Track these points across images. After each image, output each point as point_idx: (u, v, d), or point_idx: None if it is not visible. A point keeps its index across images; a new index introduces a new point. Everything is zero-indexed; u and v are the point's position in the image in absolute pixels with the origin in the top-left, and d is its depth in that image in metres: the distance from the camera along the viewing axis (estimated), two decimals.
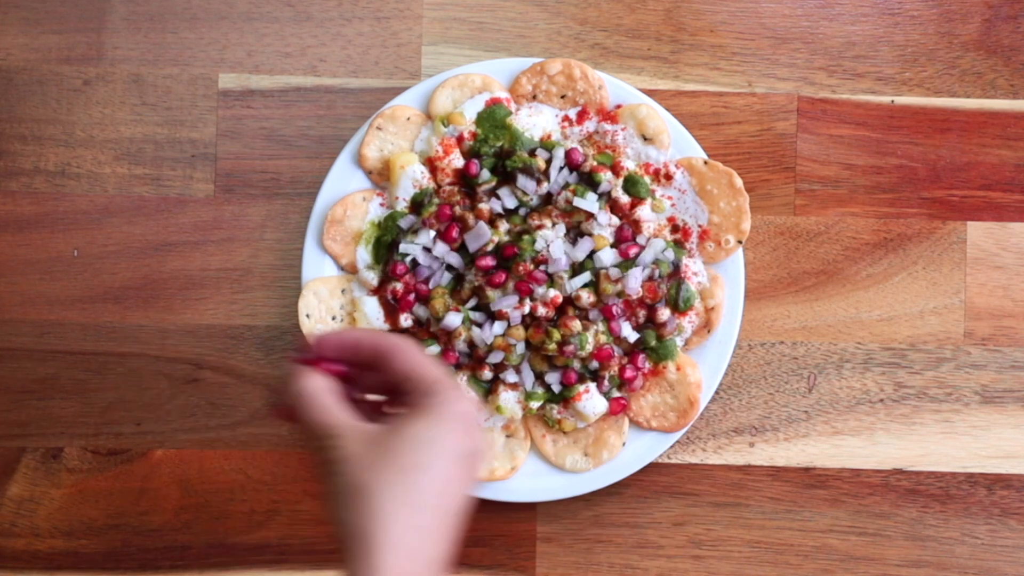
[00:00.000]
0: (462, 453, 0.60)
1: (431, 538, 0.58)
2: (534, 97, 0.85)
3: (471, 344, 0.83)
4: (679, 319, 0.84)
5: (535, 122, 0.85)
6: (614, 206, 0.84)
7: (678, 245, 0.85)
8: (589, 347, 0.82)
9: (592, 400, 0.83)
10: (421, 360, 0.62)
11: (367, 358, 0.63)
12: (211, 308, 0.88)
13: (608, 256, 0.82)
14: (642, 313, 0.84)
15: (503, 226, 0.83)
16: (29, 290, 0.88)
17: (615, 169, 0.84)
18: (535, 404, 0.83)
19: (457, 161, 0.84)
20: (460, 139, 0.84)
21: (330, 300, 0.85)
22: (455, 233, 0.83)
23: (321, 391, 0.62)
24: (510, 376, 0.83)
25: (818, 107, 0.89)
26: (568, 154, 0.83)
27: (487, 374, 0.83)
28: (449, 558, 0.59)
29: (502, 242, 0.83)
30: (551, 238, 0.82)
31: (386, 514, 0.57)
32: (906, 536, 0.88)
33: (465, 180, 0.84)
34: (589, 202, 0.82)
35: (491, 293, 0.82)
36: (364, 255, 0.85)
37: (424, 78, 0.88)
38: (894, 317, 0.89)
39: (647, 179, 0.85)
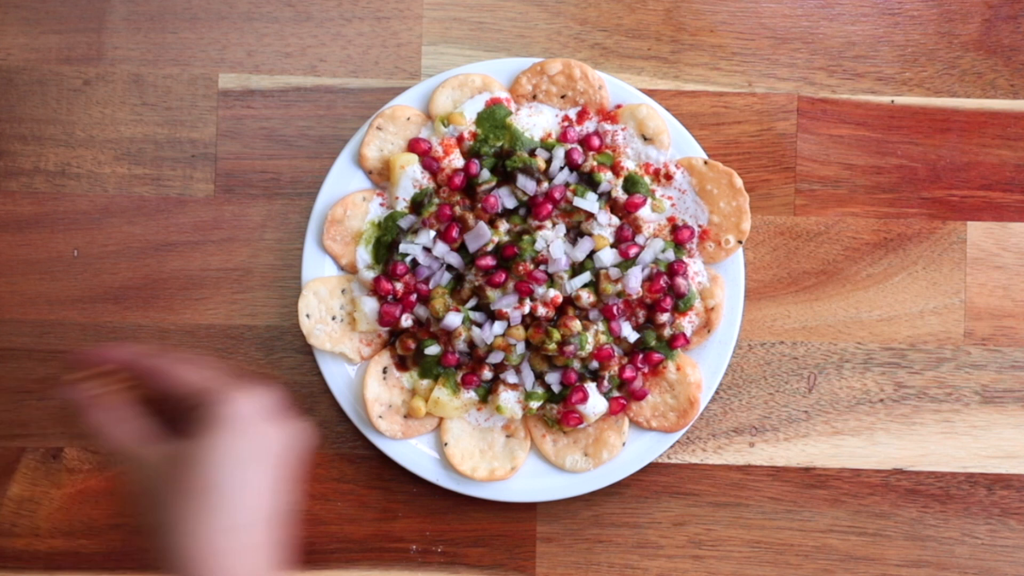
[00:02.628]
0: (245, 457, 0.59)
1: (242, 553, 0.59)
2: (534, 97, 0.85)
3: (471, 344, 0.83)
4: (679, 319, 0.84)
5: (535, 122, 0.85)
6: (614, 206, 0.84)
7: (678, 245, 0.85)
8: (589, 347, 0.82)
9: (592, 400, 0.83)
10: (182, 375, 0.62)
11: (145, 379, 0.64)
12: (211, 308, 0.88)
13: (608, 256, 0.82)
14: (642, 313, 0.84)
15: (503, 226, 0.83)
16: (29, 290, 0.88)
17: (615, 169, 0.84)
18: (535, 404, 0.83)
19: (457, 161, 0.84)
20: (460, 139, 0.84)
21: (330, 300, 0.85)
22: (455, 233, 0.82)
23: (109, 422, 0.63)
24: (510, 376, 0.83)
25: (818, 107, 0.89)
26: (568, 154, 0.83)
27: (487, 374, 0.83)
28: (276, 556, 0.60)
29: (502, 242, 0.83)
30: (551, 238, 0.82)
31: (189, 551, 0.58)
32: (906, 536, 0.88)
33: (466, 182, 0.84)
34: (589, 202, 0.82)
35: (491, 293, 0.82)
36: (364, 255, 0.85)
37: (424, 78, 0.88)
38: (894, 317, 0.89)
39: (647, 179, 0.85)
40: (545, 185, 0.83)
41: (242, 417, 0.60)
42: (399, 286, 0.83)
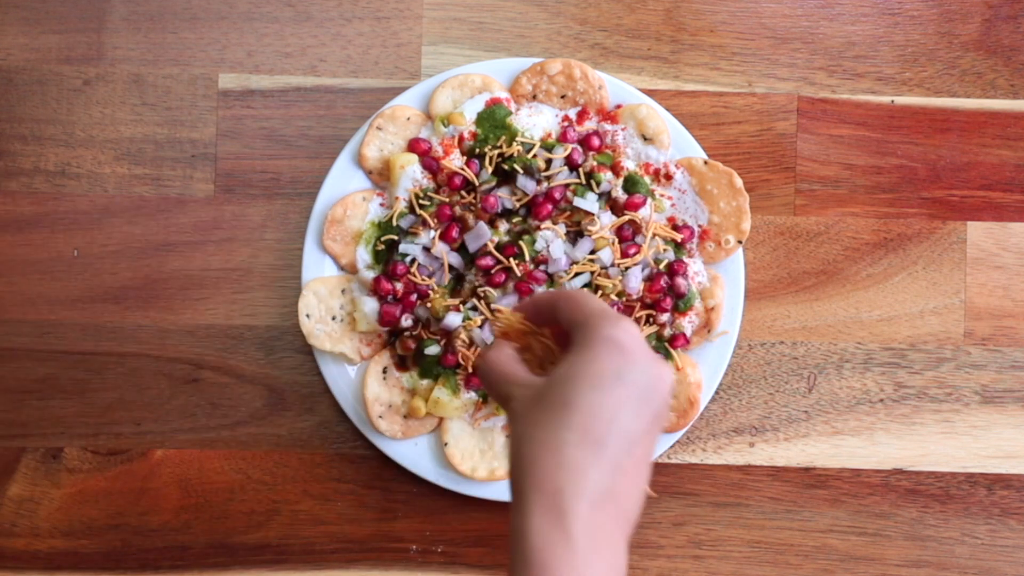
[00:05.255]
0: (611, 377, 0.55)
1: (581, 474, 0.54)
2: (534, 97, 0.85)
3: (471, 344, 0.83)
4: (679, 319, 0.84)
5: (535, 122, 0.85)
6: (614, 206, 0.84)
7: (678, 245, 0.85)
8: None
9: None
10: (581, 301, 0.59)
11: (546, 315, 0.61)
12: (211, 308, 0.88)
13: (608, 256, 0.82)
14: (642, 313, 0.84)
15: (503, 226, 0.83)
16: (29, 290, 0.88)
17: (615, 169, 0.84)
18: None
19: (457, 161, 0.84)
20: (460, 139, 0.84)
21: (330, 300, 0.85)
22: (455, 233, 0.82)
23: (503, 358, 0.61)
24: None
25: (818, 107, 0.89)
26: (568, 154, 0.83)
27: None
28: (625, 491, 0.54)
29: (502, 242, 0.83)
30: (551, 238, 0.82)
31: (533, 458, 0.54)
32: (906, 536, 0.88)
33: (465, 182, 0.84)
34: (589, 202, 0.82)
35: (491, 293, 0.82)
36: (364, 255, 0.85)
37: (424, 78, 0.88)
38: (894, 317, 0.89)
39: (647, 179, 0.85)
40: (545, 185, 0.83)
41: (611, 339, 0.56)
42: (399, 286, 0.83)
